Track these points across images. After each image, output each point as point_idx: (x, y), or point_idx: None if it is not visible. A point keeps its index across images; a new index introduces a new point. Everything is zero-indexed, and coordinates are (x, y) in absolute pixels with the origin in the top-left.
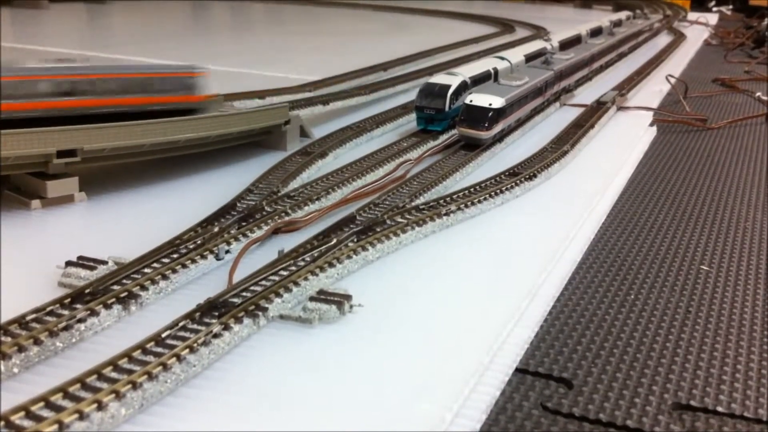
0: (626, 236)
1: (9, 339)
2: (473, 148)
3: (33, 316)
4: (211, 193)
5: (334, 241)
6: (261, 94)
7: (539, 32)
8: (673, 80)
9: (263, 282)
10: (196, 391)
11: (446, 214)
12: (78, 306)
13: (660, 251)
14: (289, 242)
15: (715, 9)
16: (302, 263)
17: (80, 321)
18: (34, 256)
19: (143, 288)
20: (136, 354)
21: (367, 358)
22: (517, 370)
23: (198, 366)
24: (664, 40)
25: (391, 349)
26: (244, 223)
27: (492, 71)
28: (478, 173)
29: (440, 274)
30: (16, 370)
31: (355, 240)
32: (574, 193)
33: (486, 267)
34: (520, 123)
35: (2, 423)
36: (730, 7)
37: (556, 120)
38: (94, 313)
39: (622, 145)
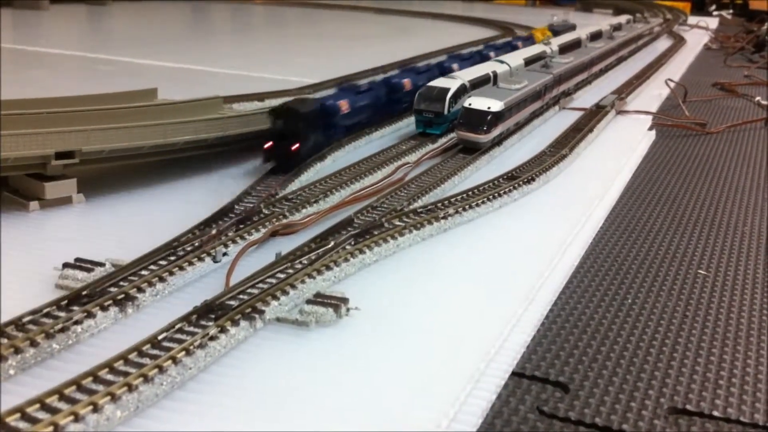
0: (624, 240)
1: (5, 340)
2: (472, 151)
3: (29, 317)
4: (208, 195)
5: (332, 244)
6: (260, 97)
7: None
8: (672, 84)
9: (260, 285)
10: (191, 394)
11: (444, 218)
12: (75, 308)
13: (657, 255)
14: (286, 245)
15: (715, 13)
16: (299, 266)
17: (77, 323)
18: (31, 258)
19: (140, 290)
20: (132, 356)
21: (363, 362)
22: (513, 373)
23: (194, 368)
24: (664, 44)
25: (387, 352)
26: (241, 226)
27: (491, 74)
28: (476, 177)
29: (438, 278)
30: (12, 371)
31: (353, 243)
32: (573, 197)
33: (483, 271)
34: (519, 126)
35: None
36: (731, 11)
37: (555, 124)
38: (90, 315)
39: (620, 149)
